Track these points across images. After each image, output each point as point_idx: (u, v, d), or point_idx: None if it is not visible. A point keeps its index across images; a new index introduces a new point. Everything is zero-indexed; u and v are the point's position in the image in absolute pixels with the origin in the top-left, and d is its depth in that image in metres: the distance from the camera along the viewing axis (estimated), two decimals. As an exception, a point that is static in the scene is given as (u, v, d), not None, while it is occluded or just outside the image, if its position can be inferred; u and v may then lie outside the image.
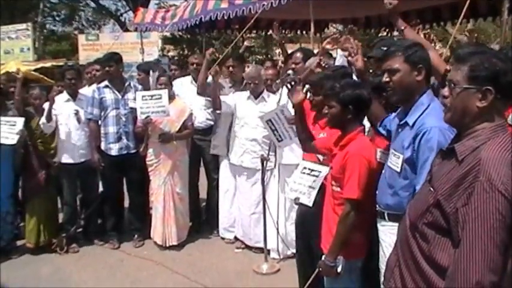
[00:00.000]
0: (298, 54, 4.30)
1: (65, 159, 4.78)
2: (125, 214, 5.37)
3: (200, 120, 5.11)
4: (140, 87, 5.15)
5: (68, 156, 4.78)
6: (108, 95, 4.83)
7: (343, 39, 3.23)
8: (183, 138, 4.90)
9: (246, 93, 4.67)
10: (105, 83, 4.91)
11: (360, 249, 2.67)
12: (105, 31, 21.27)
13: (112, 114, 4.82)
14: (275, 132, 4.18)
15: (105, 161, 4.81)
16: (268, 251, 4.48)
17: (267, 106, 4.45)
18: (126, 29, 11.60)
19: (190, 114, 4.91)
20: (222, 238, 5.04)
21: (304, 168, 3.23)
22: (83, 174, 4.92)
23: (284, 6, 4.86)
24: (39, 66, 9.73)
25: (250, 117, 4.56)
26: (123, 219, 5.33)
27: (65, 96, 4.84)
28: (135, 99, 4.76)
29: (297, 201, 3.20)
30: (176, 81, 5.30)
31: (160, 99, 4.58)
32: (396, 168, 2.29)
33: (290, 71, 4.32)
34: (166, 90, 4.64)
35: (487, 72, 1.58)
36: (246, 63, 5.77)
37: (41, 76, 8.80)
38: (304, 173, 3.20)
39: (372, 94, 2.66)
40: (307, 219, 3.21)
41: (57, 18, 21.83)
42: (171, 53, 16.64)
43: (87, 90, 5.08)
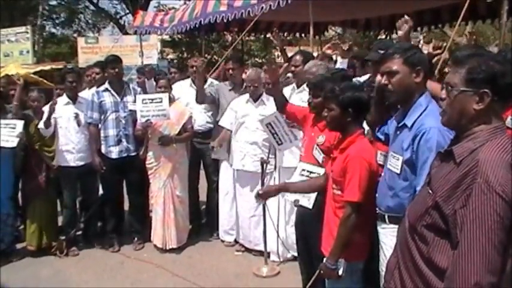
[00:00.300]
0: (297, 57, 4.31)
1: (65, 162, 4.77)
2: (124, 217, 5.37)
3: (200, 123, 5.11)
4: (139, 90, 5.15)
5: (67, 159, 4.77)
6: (108, 98, 4.83)
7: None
8: (182, 141, 4.90)
9: (245, 96, 4.68)
10: (104, 86, 4.91)
11: (361, 252, 2.67)
12: (104, 34, 21.28)
13: (112, 117, 4.82)
14: (275, 135, 4.18)
15: (105, 164, 4.79)
16: (268, 253, 4.47)
17: (267, 109, 4.45)
18: (125, 32, 11.59)
19: (190, 117, 4.91)
20: (222, 241, 5.04)
21: (303, 170, 3.24)
22: (83, 177, 4.92)
23: (283, 8, 4.87)
24: (38, 69, 9.70)
25: (249, 120, 4.55)
26: (123, 222, 5.33)
27: (64, 99, 4.84)
28: (134, 102, 4.78)
29: (296, 203, 3.21)
30: (175, 84, 5.30)
31: (161, 102, 4.59)
32: (396, 170, 2.29)
33: (290, 74, 4.33)
34: (167, 94, 4.65)
35: (485, 74, 1.58)
36: (245, 66, 5.78)
37: (40, 79, 8.78)
38: (303, 175, 3.21)
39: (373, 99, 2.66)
40: (306, 220, 3.22)
41: (56, 21, 21.81)
42: (170, 56, 16.66)
43: (87, 93, 5.09)
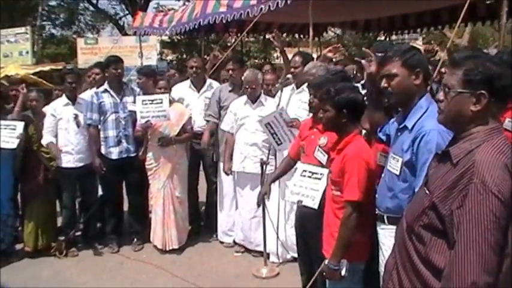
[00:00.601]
0: (297, 58, 4.31)
1: (64, 163, 4.76)
2: (124, 217, 5.37)
3: (199, 124, 5.11)
4: (139, 91, 5.16)
5: (67, 160, 4.77)
6: (107, 99, 4.84)
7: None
8: (182, 142, 4.90)
9: (244, 98, 4.67)
10: (103, 87, 4.92)
11: (362, 252, 2.67)
12: (103, 35, 21.33)
13: (111, 118, 4.83)
14: (274, 135, 4.18)
15: (105, 164, 4.79)
16: (268, 254, 4.47)
17: (265, 110, 4.46)
18: (124, 33, 11.63)
19: (190, 117, 4.92)
20: (221, 242, 5.04)
21: (304, 171, 3.22)
22: (82, 178, 4.91)
23: (282, 9, 4.87)
24: (38, 69, 9.73)
25: (249, 122, 4.55)
26: (122, 223, 5.33)
27: (64, 100, 4.85)
28: (134, 103, 4.78)
29: (299, 204, 3.19)
30: (175, 87, 5.30)
31: (161, 103, 4.59)
32: (395, 171, 2.30)
33: (289, 75, 4.34)
34: (167, 95, 4.66)
35: (482, 76, 1.59)
36: (245, 67, 5.78)
37: (40, 80, 8.80)
38: (305, 175, 3.19)
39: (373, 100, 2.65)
40: (306, 221, 3.21)
41: (56, 22, 21.84)
42: (170, 57, 16.68)
43: (88, 94, 5.09)
